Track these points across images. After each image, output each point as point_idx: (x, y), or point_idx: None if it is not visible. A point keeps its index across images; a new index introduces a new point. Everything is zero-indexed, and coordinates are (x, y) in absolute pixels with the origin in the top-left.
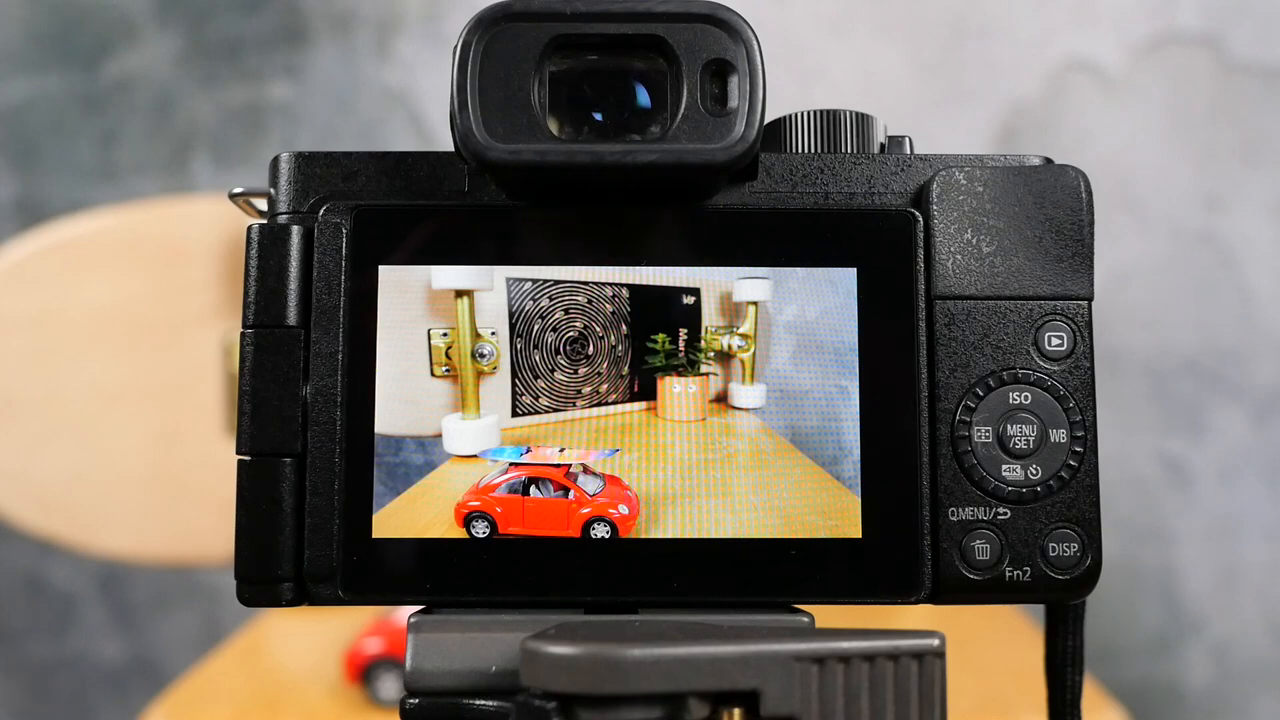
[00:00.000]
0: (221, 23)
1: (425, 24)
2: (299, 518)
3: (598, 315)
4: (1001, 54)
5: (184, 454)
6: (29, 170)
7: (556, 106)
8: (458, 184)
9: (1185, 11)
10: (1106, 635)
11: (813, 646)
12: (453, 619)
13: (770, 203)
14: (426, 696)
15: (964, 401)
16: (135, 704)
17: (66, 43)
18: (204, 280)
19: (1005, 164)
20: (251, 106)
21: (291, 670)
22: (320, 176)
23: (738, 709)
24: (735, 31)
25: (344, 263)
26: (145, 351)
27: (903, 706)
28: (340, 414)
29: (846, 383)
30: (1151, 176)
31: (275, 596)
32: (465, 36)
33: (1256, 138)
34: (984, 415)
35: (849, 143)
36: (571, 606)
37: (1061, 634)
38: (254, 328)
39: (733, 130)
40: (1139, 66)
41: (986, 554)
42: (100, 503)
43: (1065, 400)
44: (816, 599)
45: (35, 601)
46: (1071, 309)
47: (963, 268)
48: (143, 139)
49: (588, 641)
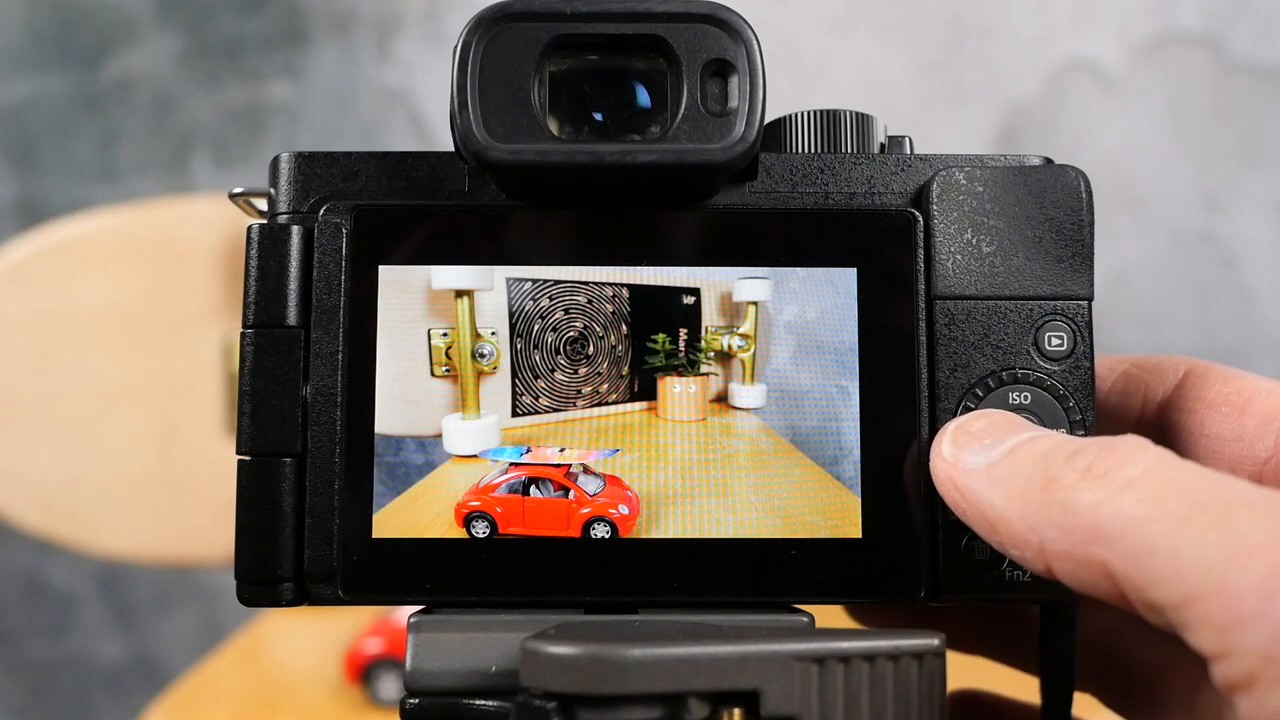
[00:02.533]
0: (221, 23)
1: (425, 24)
2: (299, 518)
3: (598, 315)
4: (1001, 54)
5: (184, 454)
6: (29, 170)
7: (556, 106)
8: (458, 184)
9: (1185, 11)
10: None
11: (813, 646)
12: (453, 619)
13: (770, 203)
14: (426, 696)
15: (964, 402)
16: (135, 704)
17: (66, 43)
18: (204, 280)
19: (1005, 164)
20: (251, 106)
21: (291, 670)
22: (320, 176)
23: (738, 709)
24: (735, 31)
25: (344, 263)
26: (145, 351)
27: (903, 706)
28: (340, 414)
29: (846, 383)
30: (1151, 176)
31: (275, 596)
32: (465, 36)
33: (1256, 138)
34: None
35: (849, 143)
36: (571, 606)
37: (1053, 636)
38: (254, 328)
39: (733, 130)
40: (1139, 66)
41: (986, 554)
42: (100, 503)
43: (1065, 400)
44: (816, 599)
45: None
46: (1071, 309)
47: (963, 268)
48: (143, 139)
49: (588, 641)
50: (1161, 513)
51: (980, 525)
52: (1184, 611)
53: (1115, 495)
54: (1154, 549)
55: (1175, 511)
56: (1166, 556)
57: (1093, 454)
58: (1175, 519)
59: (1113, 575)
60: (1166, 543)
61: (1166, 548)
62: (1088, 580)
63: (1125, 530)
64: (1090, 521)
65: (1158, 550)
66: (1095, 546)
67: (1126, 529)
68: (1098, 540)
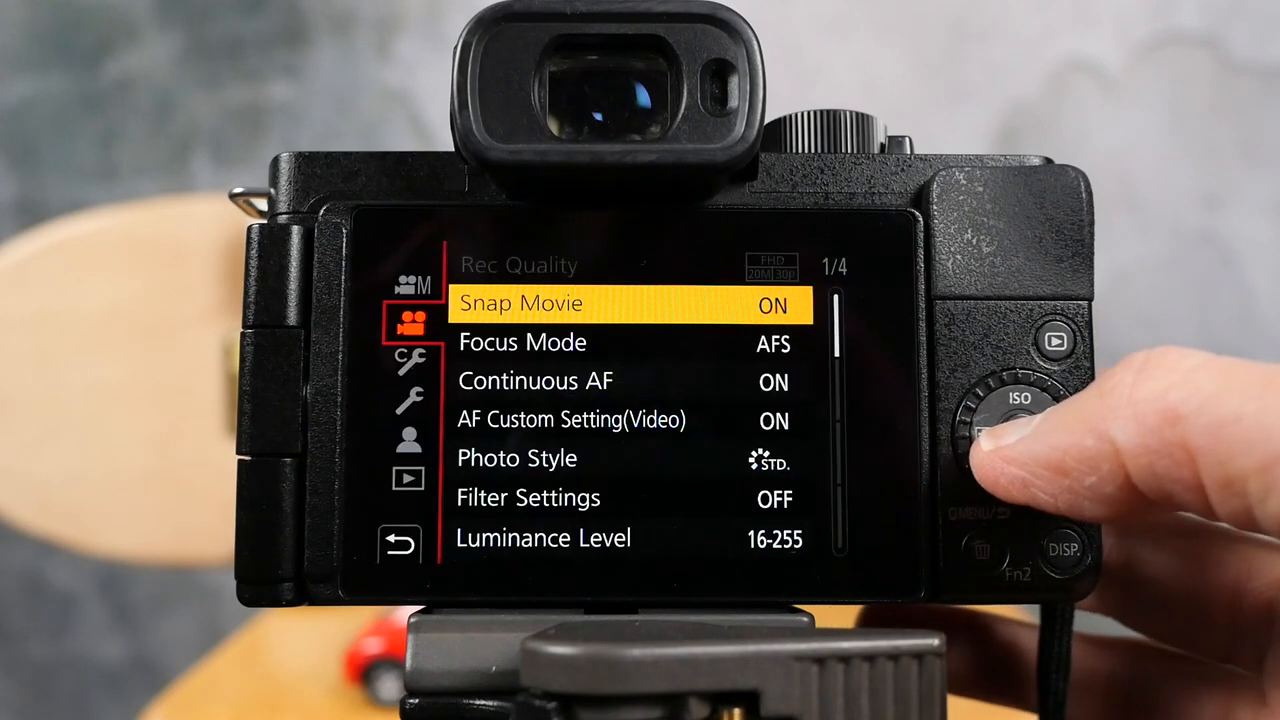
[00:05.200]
0: (221, 23)
1: (425, 24)
2: (299, 518)
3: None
4: (1001, 54)
5: (184, 454)
6: (29, 170)
7: (556, 106)
8: (458, 184)
9: (1185, 11)
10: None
11: (813, 646)
12: (453, 619)
13: (770, 203)
14: (426, 696)
15: (964, 402)
16: (135, 704)
17: (66, 43)
18: (204, 280)
19: (1005, 164)
20: (251, 106)
21: (291, 670)
22: (320, 176)
23: (738, 709)
24: (735, 31)
25: (344, 263)
26: (145, 351)
27: (903, 706)
28: (340, 414)
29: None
30: (1151, 176)
31: (275, 597)
32: (465, 36)
33: (1256, 138)
34: (984, 415)
35: (849, 143)
36: (571, 606)
37: (1053, 636)
38: (254, 328)
39: (733, 130)
40: (1139, 66)
41: (986, 554)
42: (100, 503)
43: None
44: (816, 599)
45: (35, 601)
46: (1072, 309)
47: (963, 268)
48: (143, 139)
49: (588, 641)
50: (1240, 385)
51: (1045, 480)
52: (1272, 472)
53: (1184, 378)
54: (1239, 416)
55: (1253, 382)
56: (1252, 420)
57: (1144, 356)
58: (1253, 388)
59: (1193, 455)
60: (1252, 406)
61: (1252, 411)
62: (1165, 472)
63: (1203, 405)
64: (1164, 405)
65: (1244, 416)
66: (1172, 428)
67: (1204, 404)
68: (1175, 421)
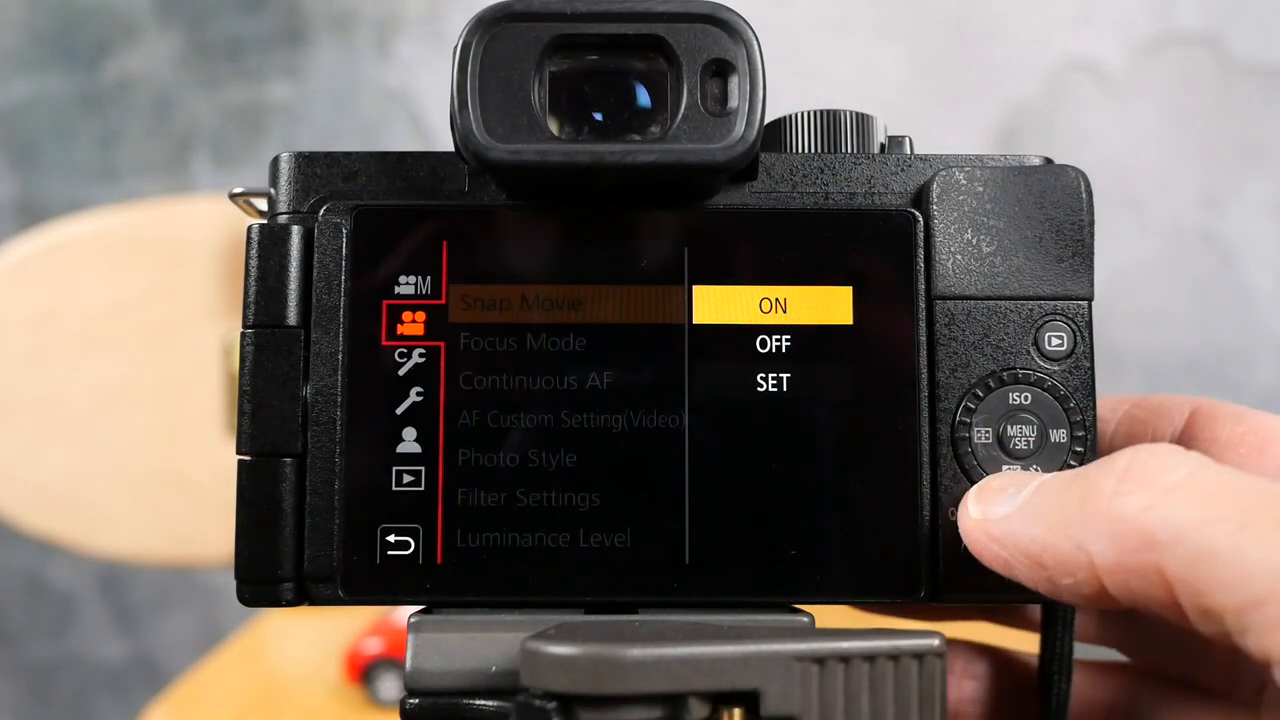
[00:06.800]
0: (221, 23)
1: (425, 24)
2: (299, 518)
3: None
4: (1001, 54)
5: (184, 454)
6: (29, 170)
7: (556, 106)
8: (458, 184)
9: (1185, 11)
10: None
11: (813, 646)
12: (453, 619)
13: (770, 203)
14: (426, 696)
15: (964, 402)
16: (135, 704)
17: (66, 43)
18: (204, 280)
19: (1005, 164)
20: (251, 106)
21: (291, 670)
22: (320, 176)
23: (738, 709)
24: (735, 31)
25: (344, 263)
26: (145, 351)
27: (903, 706)
28: (340, 414)
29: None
30: (1151, 176)
31: (275, 597)
32: (465, 37)
33: (1256, 138)
34: (984, 416)
35: (849, 143)
36: (571, 606)
37: (1053, 636)
38: (254, 328)
39: (733, 130)
40: (1139, 66)
41: None
42: (100, 503)
43: (1066, 400)
44: (816, 599)
45: (35, 601)
46: (1072, 309)
47: (963, 268)
48: (143, 139)
49: (588, 641)
50: (1219, 515)
51: (1025, 568)
52: (1248, 615)
53: (1163, 499)
54: (1215, 552)
55: (1233, 514)
56: (1230, 559)
57: (1126, 460)
58: (1235, 521)
59: (1168, 581)
60: (1229, 544)
61: (1230, 550)
62: (1141, 591)
63: (1180, 534)
64: (1140, 527)
65: (1220, 553)
66: (1148, 552)
67: (1182, 532)
68: (1150, 546)
